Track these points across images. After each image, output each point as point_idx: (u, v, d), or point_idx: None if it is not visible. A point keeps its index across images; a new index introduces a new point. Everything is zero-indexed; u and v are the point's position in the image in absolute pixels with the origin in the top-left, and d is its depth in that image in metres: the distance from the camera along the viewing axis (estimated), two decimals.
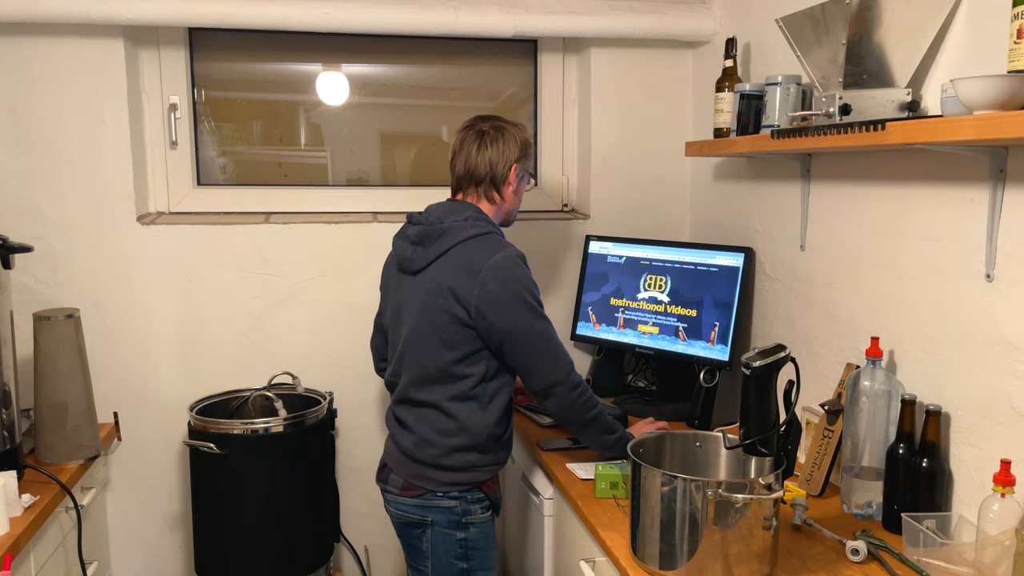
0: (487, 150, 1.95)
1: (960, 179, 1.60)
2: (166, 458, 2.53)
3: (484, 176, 1.96)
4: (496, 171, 1.96)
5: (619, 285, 2.56)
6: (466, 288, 1.82)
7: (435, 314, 1.86)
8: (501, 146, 1.96)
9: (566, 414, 1.91)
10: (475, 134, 1.97)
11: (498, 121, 2.00)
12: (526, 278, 1.86)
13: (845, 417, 1.78)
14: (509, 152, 1.96)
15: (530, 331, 1.84)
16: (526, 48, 2.81)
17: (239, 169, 2.69)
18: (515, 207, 2.05)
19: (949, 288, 1.64)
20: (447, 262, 1.86)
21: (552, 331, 1.88)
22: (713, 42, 2.59)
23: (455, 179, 2.00)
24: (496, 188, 1.97)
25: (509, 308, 1.83)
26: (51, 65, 2.34)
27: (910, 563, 1.51)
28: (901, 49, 1.63)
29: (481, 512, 1.92)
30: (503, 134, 1.97)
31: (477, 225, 1.89)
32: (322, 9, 2.34)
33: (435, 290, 1.86)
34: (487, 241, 1.87)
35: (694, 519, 1.43)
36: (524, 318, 1.84)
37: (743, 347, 2.34)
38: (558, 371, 1.87)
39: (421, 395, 1.89)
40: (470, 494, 1.91)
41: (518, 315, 1.83)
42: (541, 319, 1.86)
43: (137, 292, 2.46)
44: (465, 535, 1.91)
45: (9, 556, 1.67)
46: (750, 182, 2.38)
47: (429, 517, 1.90)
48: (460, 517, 1.90)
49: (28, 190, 2.36)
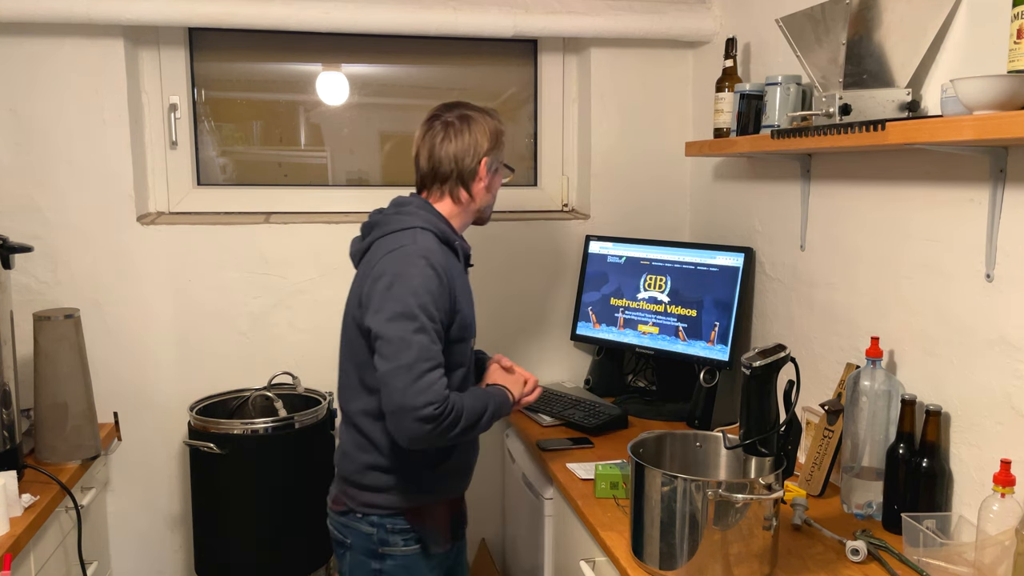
0: (451, 143, 1.74)
1: (960, 179, 1.60)
2: (166, 458, 2.53)
3: (449, 173, 1.74)
4: (463, 166, 1.74)
5: (619, 285, 2.56)
6: (366, 286, 1.65)
7: (348, 319, 1.73)
8: (467, 138, 1.74)
9: (414, 444, 1.59)
10: (440, 125, 1.75)
11: (464, 109, 1.77)
12: (418, 278, 1.59)
13: (845, 417, 1.78)
14: (478, 144, 1.74)
15: (394, 337, 1.56)
16: (526, 48, 2.81)
17: (239, 169, 2.69)
18: (488, 204, 1.83)
19: (949, 288, 1.64)
20: (366, 260, 1.72)
21: (429, 349, 1.56)
22: (713, 42, 2.59)
23: (418, 177, 1.79)
24: (464, 185, 1.76)
25: (385, 305, 1.59)
26: (51, 65, 2.34)
27: (910, 563, 1.51)
28: (901, 49, 1.63)
29: (403, 544, 1.71)
30: (470, 124, 1.75)
31: (406, 219, 1.70)
32: (322, 9, 2.34)
33: (354, 291, 1.73)
34: (402, 236, 1.67)
35: (694, 519, 1.43)
36: (395, 321, 1.57)
37: (743, 347, 2.34)
38: (412, 396, 1.53)
39: (344, 404, 1.77)
40: (390, 521, 1.71)
41: (389, 316, 1.58)
42: (417, 330, 1.56)
43: (137, 292, 2.46)
44: (380, 567, 1.72)
45: (9, 556, 1.67)
46: (750, 182, 2.38)
47: (349, 539, 1.75)
48: (377, 546, 1.72)
49: (28, 190, 2.36)
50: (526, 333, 2.73)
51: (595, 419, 2.28)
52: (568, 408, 2.36)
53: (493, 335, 2.65)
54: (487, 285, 2.64)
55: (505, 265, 2.69)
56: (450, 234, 1.75)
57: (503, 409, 1.74)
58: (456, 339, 1.70)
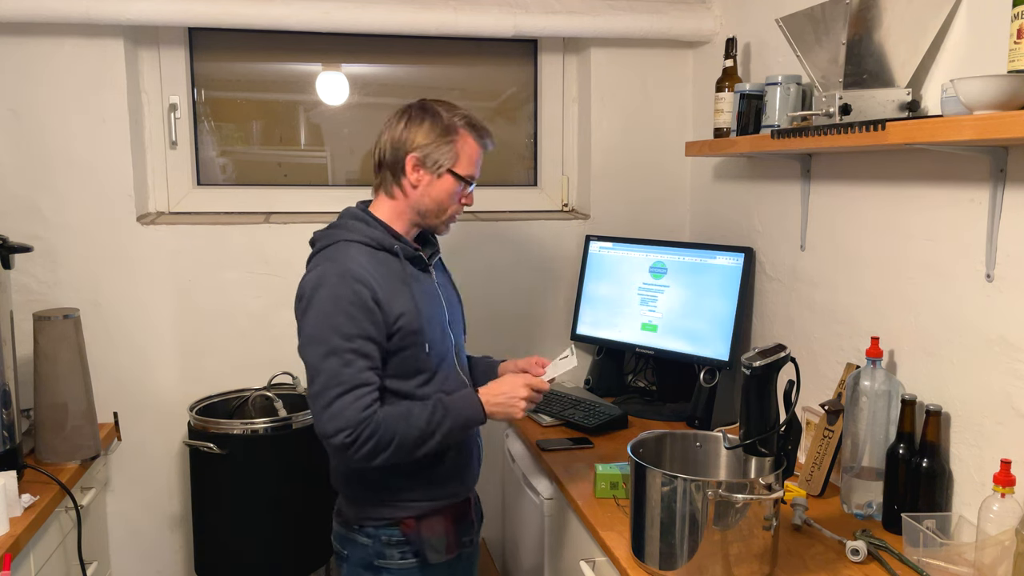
0: (391, 131, 1.66)
1: (960, 179, 1.60)
2: (166, 458, 2.53)
3: (381, 161, 1.68)
4: (391, 157, 1.65)
5: (619, 285, 2.56)
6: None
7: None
8: (402, 129, 1.64)
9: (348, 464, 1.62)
10: (398, 113, 1.68)
11: (434, 103, 1.68)
12: (329, 299, 1.55)
13: (845, 417, 1.78)
14: (409, 136, 1.63)
15: (308, 364, 1.57)
16: (526, 48, 2.81)
17: (239, 169, 2.69)
18: (429, 209, 1.68)
19: (949, 288, 1.64)
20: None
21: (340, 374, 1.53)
22: (713, 42, 2.59)
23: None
24: (394, 178, 1.66)
25: (301, 331, 1.59)
26: (51, 65, 2.34)
27: (910, 563, 1.51)
28: (901, 49, 1.63)
29: (400, 558, 1.67)
30: (417, 115, 1.65)
31: (333, 233, 1.66)
32: (322, 9, 2.34)
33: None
34: (323, 255, 1.63)
35: (694, 519, 1.43)
36: (307, 347, 1.57)
37: (743, 347, 2.33)
38: (323, 423, 1.53)
39: None
40: (385, 533, 1.67)
41: (303, 342, 1.59)
42: (326, 355, 1.53)
43: (137, 292, 2.46)
44: None
45: (9, 556, 1.67)
46: (750, 182, 2.38)
47: (346, 550, 1.72)
48: (373, 558, 1.68)
49: (28, 190, 2.36)
50: (526, 333, 2.73)
51: (595, 419, 2.28)
52: (568, 408, 2.36)
53: (493, 335, 2.65)
54: (487, 285, 2.64)
55: (505, 265, 2.69)
56: (385, 240, 1.65)
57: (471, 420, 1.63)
58: (401, 347, 1.62)
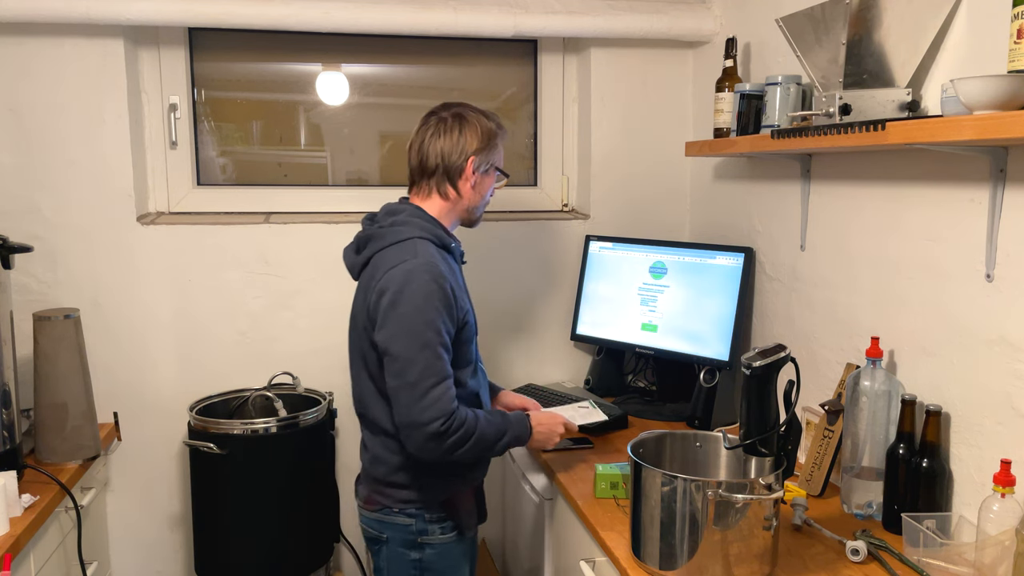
0: (440, 139, 1.78)
1: (960, 179, 1.60)
2: (166, 458, 2.53)
3: (435, 168, 1.78)
4: (450, 162, 1.77)
5: (619, 285, 2.56)
6: (371, 302, 1.69)
7: (357, 333, 1.77)
8: (457, 135, 1.78)
9: (426, 457, 1.68)
10: (434, 121, 1.80)
11: (461, 109, 1.81)
12: (421, 294, 1.64)
13: (845, 417, 1.78)
14: (466, 142, 1.78)
15: (400, 355, 1.63)
16: (526, 48, 2.81)
17: (239, 169, 2.69)
18: (477, 205, 1.85)
19: (949, 288, 1.64)
20: (367, 274, 1.75)
21: (434, 366, 1.63)
22: (713, 42, 2.59)
23: (409, 172, 1.84)
24: (451, 181, 1.79)
25: (389, 323, 1.64)
26: (51, 65, 2.33)
27: (910, 563, 1.51)
28: (901, 49, 1.63)
29: (441, 533, 1.78)
30: (462, 123, 1.78)
31: (402, 230, 1.73)
32: (322, 9, 2.34)
33: (359, 305, 1.76)
34: (402, 249, 1.70)
35: (694, 519, 1.43)
36: (399, 339, 1.63)
37: (743, 347, 2.33)
38: (418, 412, 1.62)
39: (366, 412, 1.81)
40: (428, 512, 1.77)
41: (393, 333, 1.64)
42: (422, 347, 1.62)
43: (137, 292, 2.46)
44: (420, 556, 1.78)
45: (9, 556, 1.67)
46: (750, 182, 2.38)
47: (385, 534, 1.79)
48: (415, 536, 1.77)
49: (28, 190, 2.36)
50: (526, 333, 2.73)
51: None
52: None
53: (493, 335, 2.65)
54: (487, 285, 2.64)
55: (505, 265, 2.69)
56: (445, 237, 1.78)
57: (520, 439, 1.81)
58: (463, 340, 1.76)
